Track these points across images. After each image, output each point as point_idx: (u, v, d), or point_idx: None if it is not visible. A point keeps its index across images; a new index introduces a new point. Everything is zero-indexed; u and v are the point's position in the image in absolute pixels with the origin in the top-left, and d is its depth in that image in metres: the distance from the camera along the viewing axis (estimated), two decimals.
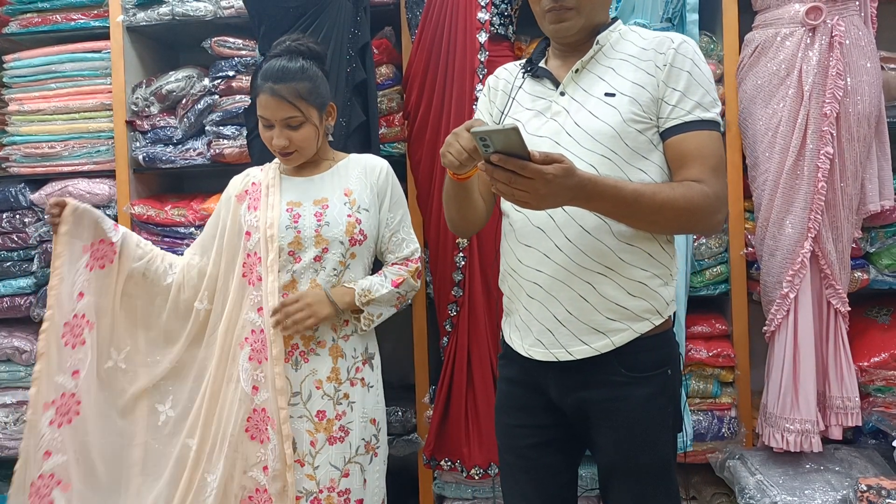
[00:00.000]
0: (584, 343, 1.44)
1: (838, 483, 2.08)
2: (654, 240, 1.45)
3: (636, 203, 1.33)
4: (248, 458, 1.83)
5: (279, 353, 1.80)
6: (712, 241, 2.37)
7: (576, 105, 1.46)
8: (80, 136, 2.66)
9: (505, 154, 1.19)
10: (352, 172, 1.92)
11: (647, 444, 1.46)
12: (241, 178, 1.98)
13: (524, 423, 1.56)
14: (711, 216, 1.40)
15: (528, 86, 1.55)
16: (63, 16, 2.67)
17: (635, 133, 1.42)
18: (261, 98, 1.81)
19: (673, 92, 1.42)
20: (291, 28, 2.19)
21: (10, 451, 2.68)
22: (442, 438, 2.31)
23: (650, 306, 1.45)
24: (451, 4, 2.26)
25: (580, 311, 1.43)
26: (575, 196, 1.27)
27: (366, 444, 1.87)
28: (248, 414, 1.82)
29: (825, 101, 2.12)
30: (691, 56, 1.44)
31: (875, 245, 2.33)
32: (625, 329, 1.44)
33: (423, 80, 2.33)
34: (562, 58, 1.53)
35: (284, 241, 1.84)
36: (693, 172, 1.39)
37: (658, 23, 2.22)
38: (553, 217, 1.43)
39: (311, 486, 1.82)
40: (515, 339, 1.54)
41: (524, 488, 1.56)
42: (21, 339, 2.69)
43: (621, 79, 1.45)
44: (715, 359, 2.31)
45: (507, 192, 1.23)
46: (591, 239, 1.42)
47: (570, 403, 1.49)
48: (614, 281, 1.43)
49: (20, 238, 2.67)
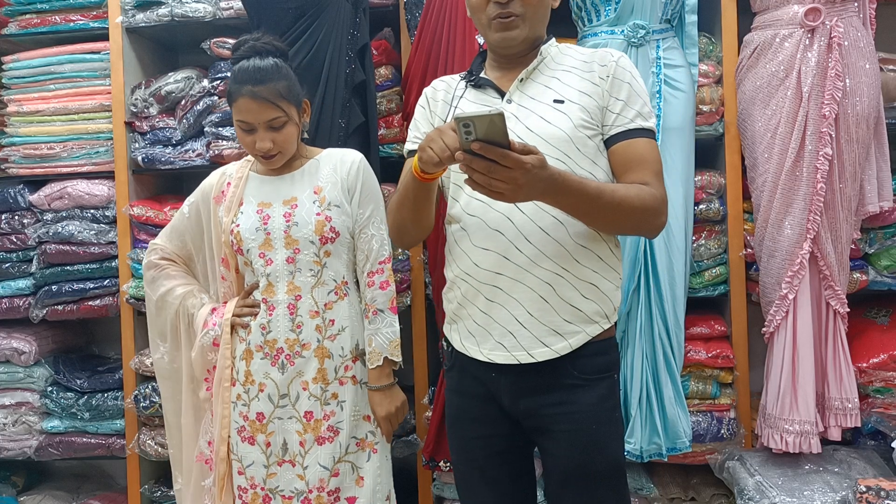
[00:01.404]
0: (544, 345, 1.47)
1: (837, 484, 2.08)
2: (605, 242, 1.50)
3: (598, 199, 1.37)
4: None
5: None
6: (711, 243, 2.37)
7: (525, 111, 1.50)
8: (80, 137, 2.66)
9: (486, 142, 1.19)
10: (323, 169, 1.89)
11: (599, 446, 1.50)
12: (217, 176, 1.98)
13: (480, 435, 1.58)
14: (658, 217, 1.47)
15: (470, 95, 1.58)
16: (62, 17, 2.67)
17: (585, 138, 1.48)
18: (240, 102, 1.78)
19: (616, 101, 1.50)
20: (290, 29, 2.20)
21: (9, 452, 2.68)
22: (441, 439, 2.31)
23: (600, 309, 1.50)
24: (450, 6, 2.26)
25: (540, 312, 1.47)
26: (546, 189, 1.29)
27: (358, 442, 1.87)
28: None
29: (824, 103, 2.12)
30: (630, 69, 1.53)
31: (874, 246, 2.33)
32: (579, 332, 1.48)
33: (422, 82, 2.32)
34: (501, 69, 1.58)
35: (255, 242, 1.84)
36: (639, 176, 1.46)
37: (657, 24, 2.22)
38: (511, 218, 1.46)
39: (301, 486, 1.83)
40: (470, 346, 1.54)
41: (485, 499, 1.59)
42: (20, 340, 2.69)
43: (567, 87, 1.50)
44: (714, 360, 2.31)
45: (484, 182, 1.24)
46: (549, 239, 1.45)
47: (521, 410, 1.52)
48: (569, 282, 1.47)
49: (19, 239, 2.66)
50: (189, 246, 2.03)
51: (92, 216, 2.63)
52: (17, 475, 2.90)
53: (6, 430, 2.68)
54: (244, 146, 1.84)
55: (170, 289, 2.00)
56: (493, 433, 1.57)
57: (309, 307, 1.84)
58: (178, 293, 1.99)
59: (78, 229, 2.60)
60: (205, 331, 1.91)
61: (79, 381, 2.67)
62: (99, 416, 2.65)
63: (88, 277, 2.64)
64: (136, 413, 2.57)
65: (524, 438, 1.57)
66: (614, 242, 1.54)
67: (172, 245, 2.04)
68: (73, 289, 2.63)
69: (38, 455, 2.69)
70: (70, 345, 2.91)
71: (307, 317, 1.84)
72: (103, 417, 2.65)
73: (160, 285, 2.01)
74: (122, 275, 2.61)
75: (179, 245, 2.04)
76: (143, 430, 2.60)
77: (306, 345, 1.84)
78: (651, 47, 2.22)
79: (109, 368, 2.75)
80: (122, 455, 2.64)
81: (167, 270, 2.02)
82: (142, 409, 2.53)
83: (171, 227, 2.05)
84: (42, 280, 2.65)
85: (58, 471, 3.02)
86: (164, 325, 2.01)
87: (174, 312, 1.99)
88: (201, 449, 1.96)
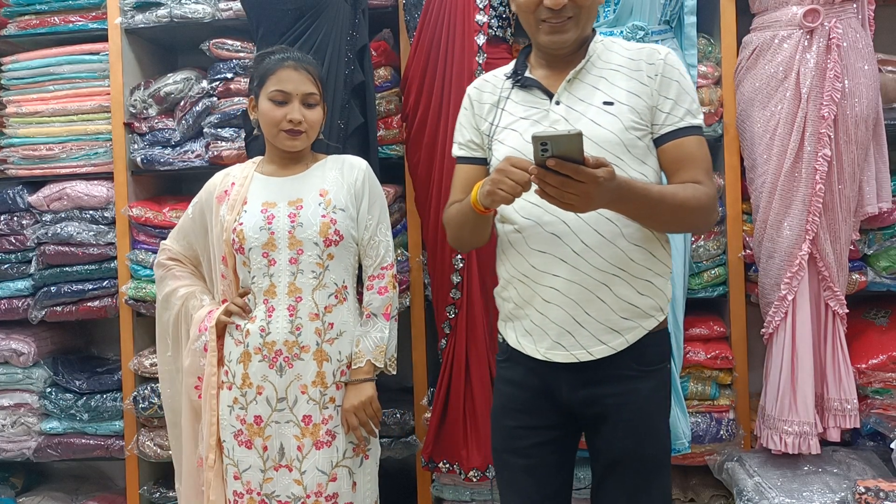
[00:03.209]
0: (602, 343, 1.52)
1: (836, 485, 2.07)
2: (657, 240, 1.54)
3: (660, 203, 1.43)
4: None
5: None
6: (710, 244, 2.37)
7: (575, 114, 1.51)
8: (79, 138, 2.66)
9: (561, 158, 1.23)
10: (329, 173, 1.91)
11: (652, 433, 1.56)
12: (221, 177, 1.98)
13: (526, 425, 1.60)
14: (711, 214, 1.53)
15: (515, 95, 1.59)
16: (61, 18, 2.67)
17: (635, 139, 1.50)
18: (280, 73, 1.82)
19: (666, 100, 1.51)
20: (290, 30, 2.19)
21: (8, 453, 2.68)
22: (440, 441, 2.31)
23: (655, 303, 1.54)
24: (450, 7, 2.26)
25: (597, 311, 1.51)
26: (613, 198, 1.35)
27: (354, 448, 1.87)
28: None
29: (823, 104, 2.12)
30: (678, 66, 1.54)
31: (873, 247, 2.33)
32: (635, 327, 1.53)
33: (421, 83, 2.33)
34: (548, 67, 1.58)
35: (258, 241, 1.84)
36: (691, 174, 1.50)
37: (656, 25, 2.22)
38: (566, 221, 1.49)
39: (298, 491, 1.82)
40: (527, 344, 1.58)
41: (525, 486, 1.61)
42: (18, 341, 2.68)
43: (616, 88, 1.52)
44: (713, 361, 2.31)
45: (557, 194, 1.29)
46: (605, 242, 1.49)
47: (581, 399, 1.55)
48: (625, 281, 1.50)
49: (18, 240, 2.66)
50: (194, 247, 2.03)
51: (91, 217, 2.62)
52: (16, 476, 2.89)
53: (5, 431, 2.68)
54: (271, 123, 1.84)
55: (173, 289, 2.00)
56: (539, 424, 1.60)
57: (309, 309, 1.84)
58: (180, 294, 1.99)
59: (77, 230, 2.60)
60: (199, 336, 1.92)
61: (78, 383, 2.66)
62: (98, 417, 2.64)
63: (87, 278, 2.64)
64: (135, 414, 2.57)
65: (572, 431, 1.62)
66: (665, 239, 1.57)
67: (179, 246, 2.04)
68: (72, 290, 2.63)
69: (37, 456, 2.68)
70: (69, 346, 2.90)
71: (307, 319, 1.84)
72: (102, 419, 2.65)
73: (165, 285, 2.02)
74: (121, 276, 2.60)
75: (185, 246, 2.04)
76: (142, 432, 2.60)
77: (305, 347, 1.83)
78: None
79: (108, 369, 2.75)
80: (121, 456, 2.64)
81: (173, 271, 2.03)
82: (141, 410, 2.53)
83: (177, 228, 2.06)
84: (41, 281, 2.65)
85: (57, 472, 3.02)
86: (167, 326, 2.02)
87: (176, 313, 1.99)
88: (200, 454, 1.96)
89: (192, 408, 1.98)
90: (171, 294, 2.00)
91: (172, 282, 2.01)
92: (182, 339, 2.00)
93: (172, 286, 2.01)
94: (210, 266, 2.02)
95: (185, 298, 1.99)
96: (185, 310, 1.98)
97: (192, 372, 1.94)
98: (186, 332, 1.98)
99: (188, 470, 2.00)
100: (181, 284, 2.01)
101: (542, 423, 1.59)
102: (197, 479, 1.98)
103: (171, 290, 2.01)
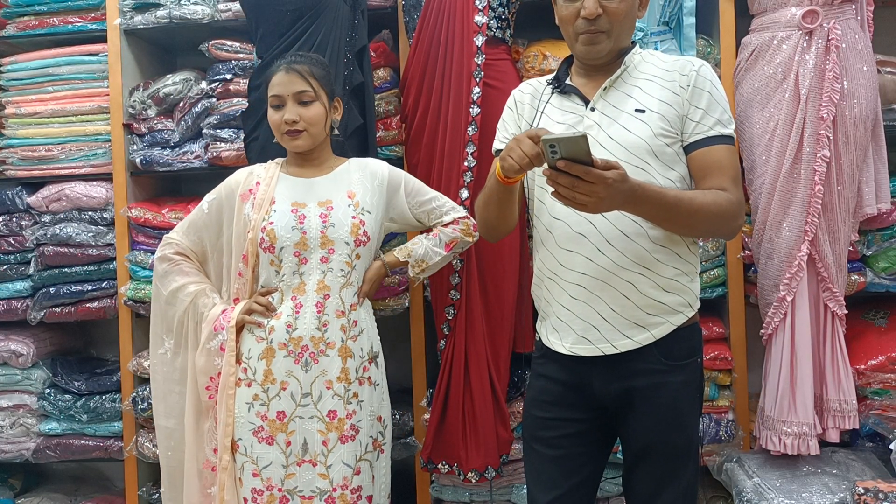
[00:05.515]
0: (627, 337, 1.57)
1: (836, 486, 2.08)
2: (683, 242, 1.60)
3: (676, 207, 1.47)
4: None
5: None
6: (710, 245, 2.37)
7: (607, 120, 1.58)
8: (78, 139, 2.66)
9: (570, 160, 1.29)
10: (353, 176, 1.96)
11: (680, 425, 1.61)
12: (245, 174, 1.99)
13: (558, 416, 1.66)
14: (734, 220, 1.57)
15: (555, 100, 1.67)
16: (60, 19, 2.67)
17: (663, 146, 1.56)
18: (274, 79, 1.88)
19: (696, 110, 1.57)
20: (289, 31, 2.20)
21: (7, 454, 2.68)
22: (439, 441, 2.31)
23: (683, 300, 1.60)
24: (449, 8, 2.26)
25: (622, 307, 1.56)
26: (626, 200, 1.39)
27: (373, 442, 1.90)
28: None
29: (822, 105, 2.13)
30: (710, 78, 1.60)
31: (872, 248, 2.34)
32: (663, 322, 1.58)
33: (420, 83, 2.33)
34: (587, 76, 1.65)
35: (290, 241, 1.86)
36: (717, 182, 1.55)
37: (655, 26, 2.22)
38: (593, 223, 1.55)
39: (324, 484, 1.83)
40: (554, 340, 1.64)
41: (552, 474, 1.66)
42: (17, 342, 2.68)
43: (649, 96, 1.58)
44: (712, 362, 2.31)
45: (568, 195, 1.35)
46: (630, 242, 1.55)
47: (614, 391, 1.60)
48: (651, 280, 1.56)
49: (17, 241, 2.66)
50: (205, 242, 2.02)
51: (90, 218, 2.62)
52: (15, 477, 2.89)
53: (4, 432, 2.67)
54: (274, 127, 1.91)
55: (182, 285, 1.98)
56: (570, 417, 1.65)
57: (336, 307, 1.87)
58: (190, 290, 1.98)
59: (76, 231, 2.60)
60: (214, 335, 1.91)
61: (76, 384, 2.66)
62: (97, 418, 2.64)
63: (86, 279, 2.64)
64: (134, 415, 2.57)
65: (601, 424, 1.66)
66: (692, 241, 1.62)
67: (188, 240, 2.02)
68: (70, 291, 2.63)
69: (36, 457, 2.68)
70: (68, 347, 2.90)
71: (333, 316, 1.87)
72: (101, 420, 2.65)
73: (172, 280, 1.99)
74: (120, 277, 2.60)
75: (195, 241, 2.02)
76: (141, 433, 2.59)
77: (331, 343, 1.86)
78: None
79: (107, 371, 2.75)
80: (120, 457, 2.64)
81: (181, 266, 2.00)
82: (140, 411, 2.53)
83: (188, 222, 2.03)
84: (40, 282, 2.65)
85: (55, 473, 3.02)
86: (171, 322, 2.00)
87: (184, 310, 1.98)
88: (207, 456, 1.95)
89: (197, 408, 1.96)
90: (179, 290, 1.98)
91: (181, 277, 1.98)
92: (186, 338, 1.98)
93: (181, 282, 1.98)
94: (220, 263, 2.00)
95: (195, 296, 1.96)
96: (195, 307, 1.96)
97: (206, 371, 1.93)
98: (193, 331, 1.97)
99: (190, 471, 1.98)
100: (190, 281, 1.98)
101: (571, 416, 1.65)
102: (201, 481, 1.96)
103: (179, 286, 1.98)
